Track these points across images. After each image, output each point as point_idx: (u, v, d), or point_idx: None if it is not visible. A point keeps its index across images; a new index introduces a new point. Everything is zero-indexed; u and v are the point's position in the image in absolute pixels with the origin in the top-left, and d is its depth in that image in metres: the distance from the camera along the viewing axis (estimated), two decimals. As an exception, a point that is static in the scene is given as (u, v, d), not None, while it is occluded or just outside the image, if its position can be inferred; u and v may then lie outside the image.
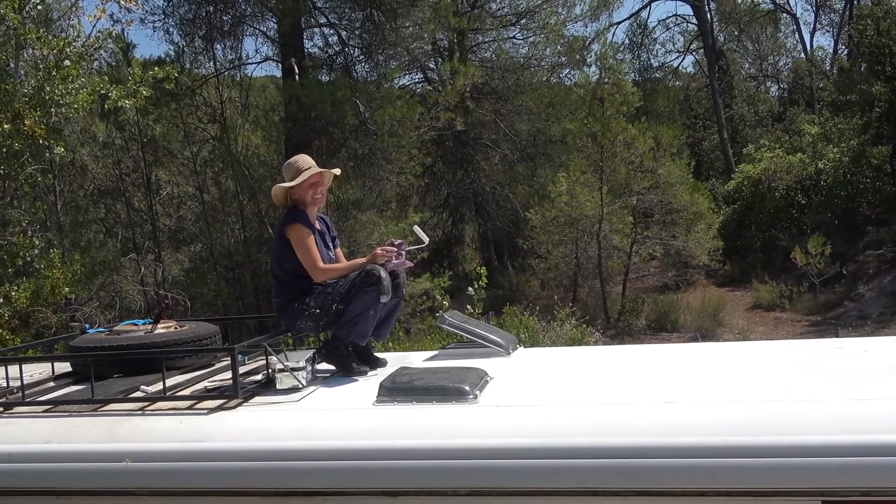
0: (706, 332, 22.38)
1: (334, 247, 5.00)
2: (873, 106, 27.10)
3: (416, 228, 5.30)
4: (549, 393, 4.09)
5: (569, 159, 27.93)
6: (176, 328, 4.93)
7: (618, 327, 24.21)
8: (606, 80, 27.12)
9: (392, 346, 12.22)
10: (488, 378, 4.15)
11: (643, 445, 3.34)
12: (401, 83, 29.25)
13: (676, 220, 26.93)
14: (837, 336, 18.09)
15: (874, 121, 27.22)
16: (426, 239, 5.21)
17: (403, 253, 4.81)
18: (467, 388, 3.87)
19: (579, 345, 14.05)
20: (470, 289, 11.31)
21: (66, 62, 11.99)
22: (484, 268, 12.25)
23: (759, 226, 28.81)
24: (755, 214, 29.21)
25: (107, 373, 4.55)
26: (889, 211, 26.11)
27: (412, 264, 4.87)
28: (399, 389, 3.91)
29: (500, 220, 30.99)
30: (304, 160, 4.82)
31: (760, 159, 30.46)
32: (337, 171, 4.95)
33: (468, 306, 11.31)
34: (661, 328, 23.89)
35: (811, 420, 3.31)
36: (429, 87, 30.39)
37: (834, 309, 23.87)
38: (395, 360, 4.82)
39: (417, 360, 4.90)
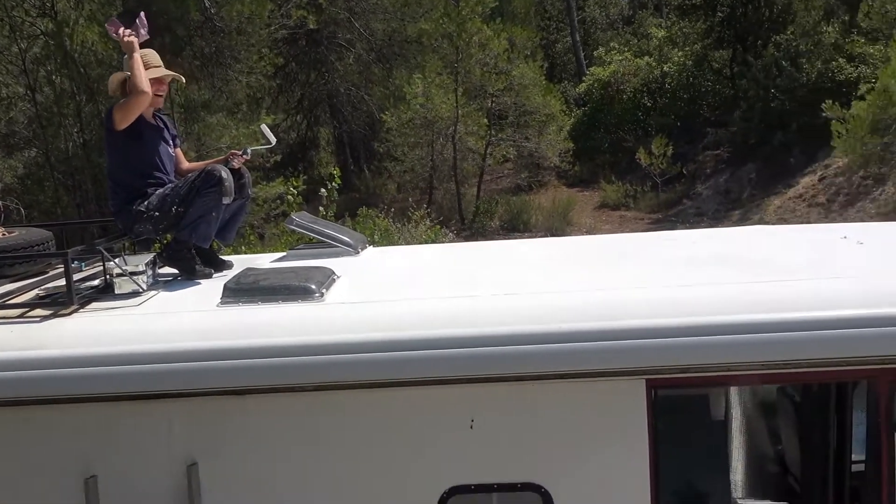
0: (556, 230, 23.20)
1: (175, 145, 4.82)
2: (716, 10, 28.14)
3: (263, 127, 5.20)
4: (395, 289, 4.16)
5: (424, 60, 27.70)
6: (4, 234, 4.66)
7: (472, 228, 24.71)
8: (461, -22, 26.82)
9: (245, 250, 12.02)
10: (335, 276, 4.17)
11: (484, 335, 3.47)
12: (249, -23, 27.87)
13: (529, 122, 27.42)
14: (675, 231, 19.14)
15: (716, 25, 28.31)
16: (273, 138, 5.12)
17: (249, 151, 4.77)
18: (313, 286, 3.88)
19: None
20: (323, 189, 11.16)
21: None
22: (337, 168, 12.11)
23: (608, 128, 29.74)
24: (604, 117, 30.10)
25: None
26: (727, 113, 27.47)
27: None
28: (244, 290, 3.87)
29: (355, 123, 30.59)
30: (152, 57, 4.61)
31: (610, 62, 31.22)
32: (181, 78, 4.78)
33: (321, 209, 11.22)
34: (514, 228, 24.57)
35: (635, 305, 3.53)
36: (279, -17, 29.13)
37: (674, 207, 25.20)
38: (242, 263, 4.76)
39: (265, 261, 4.86)
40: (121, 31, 4.49)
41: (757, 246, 4.69)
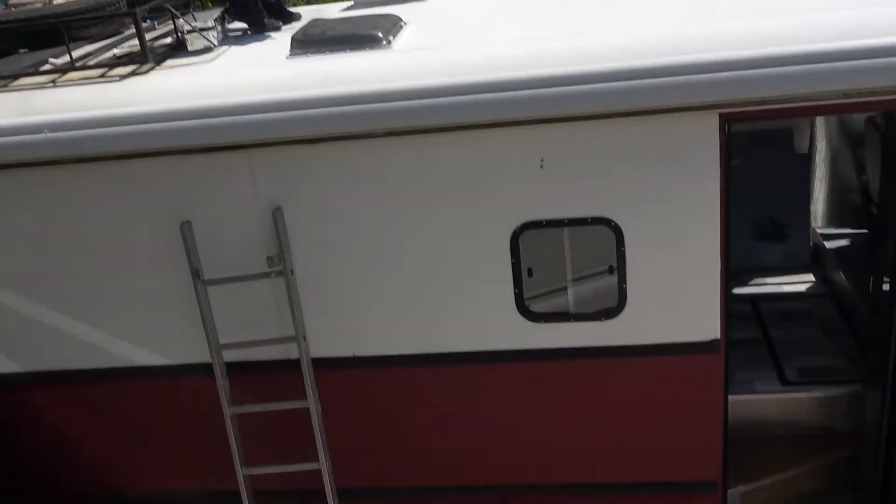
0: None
1: None
2: None
3: None
4: (464, 34, 4.08)
5: None
6: (77, -3, 4.70)
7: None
8: None
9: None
10: (402, 24, 4.11)
11: (554, 75, 3.42)
12: None
13: None
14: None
15: None
16: None
17: None
18: (380, 34, 3.85)
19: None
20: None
21: None
22: None
23: None
24: None
25: (11, 49, 4.42)
26: None
27: None
28: (312, 41, 3.87)
29: None
30: None
31: None
32: None
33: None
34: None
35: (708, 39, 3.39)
36: None
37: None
38: (310, 15, 4.71)
39: (333, 12, 4.80)
40: None
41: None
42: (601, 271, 3.73)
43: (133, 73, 3.89)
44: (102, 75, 3.92)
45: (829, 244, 5.78)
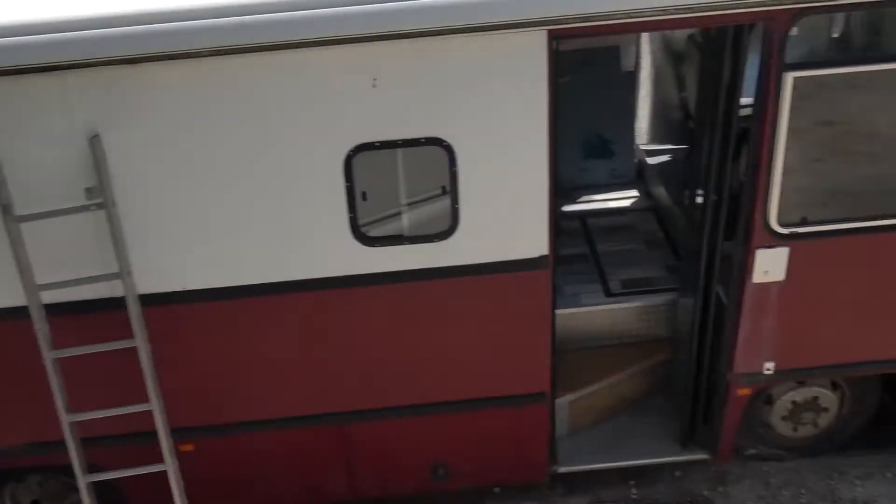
0: None
1: None
2: None
3: None
4: None
5: None
6: None
7: None
8: None
9: None
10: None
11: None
12: None
13: None
14: None
15: None
16: None
17: None
18: None
19: None
20: None
21: None
22: None
23: None
24: None
25: None
26: None
27: None
28: None
29: None
30: None
31: None
32: None
33: None
34: None
35: None
36: None
37: None
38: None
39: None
40: None
41: None
42: (435, 193, 3.76)
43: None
44: None
45: (651, 160, 6.06)
